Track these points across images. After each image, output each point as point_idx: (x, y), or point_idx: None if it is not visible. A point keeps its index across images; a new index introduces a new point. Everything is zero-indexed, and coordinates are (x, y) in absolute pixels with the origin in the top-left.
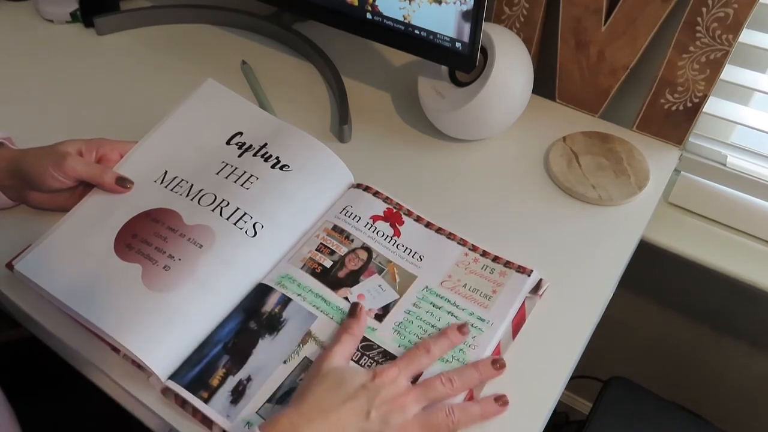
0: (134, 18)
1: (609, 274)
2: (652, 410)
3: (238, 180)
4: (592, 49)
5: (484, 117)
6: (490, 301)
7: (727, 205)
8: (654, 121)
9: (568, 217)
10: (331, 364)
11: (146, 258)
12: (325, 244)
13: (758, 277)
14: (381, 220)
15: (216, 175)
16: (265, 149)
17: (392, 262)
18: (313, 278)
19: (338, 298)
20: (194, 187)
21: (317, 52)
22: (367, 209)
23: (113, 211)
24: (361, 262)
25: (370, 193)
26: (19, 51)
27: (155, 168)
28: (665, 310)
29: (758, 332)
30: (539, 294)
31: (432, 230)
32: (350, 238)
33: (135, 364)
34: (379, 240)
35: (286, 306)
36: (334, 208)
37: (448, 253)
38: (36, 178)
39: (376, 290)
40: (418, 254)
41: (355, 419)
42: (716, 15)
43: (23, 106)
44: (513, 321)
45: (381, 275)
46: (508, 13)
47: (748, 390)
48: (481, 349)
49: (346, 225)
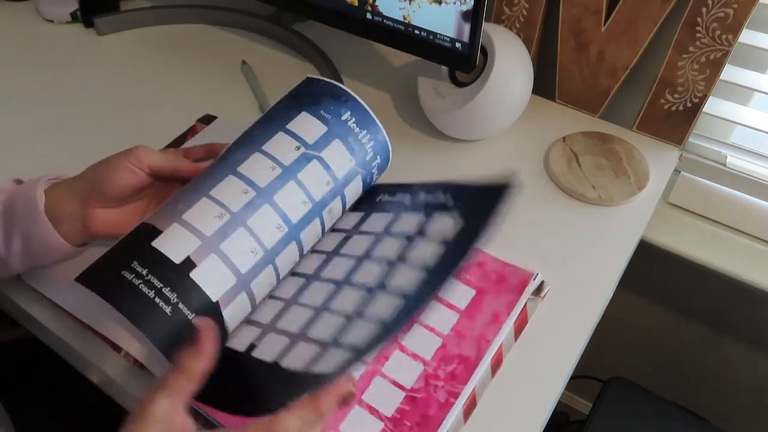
0: (134, 18)
1: (609, 274)
2: (652, 410)
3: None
4: (592, 49)
5: (484, 117)
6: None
7: (727, 205)
8: (654, 121)
9: (568, 217)
10: (148, 411)
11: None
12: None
13: (758, 277)
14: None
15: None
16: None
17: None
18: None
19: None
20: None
21: (317, 52)
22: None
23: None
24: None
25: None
26: (19, 51)
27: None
28: (665, 310)
29: (758, 332)
30: (541, 296)
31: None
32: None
33: (137, 363)
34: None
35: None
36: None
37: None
38: (107, 177)
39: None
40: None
41: None
42: (716, 15)
43: (23, 106)
44: (515, 323)
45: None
46: (508, 13)
47: (748, 390)
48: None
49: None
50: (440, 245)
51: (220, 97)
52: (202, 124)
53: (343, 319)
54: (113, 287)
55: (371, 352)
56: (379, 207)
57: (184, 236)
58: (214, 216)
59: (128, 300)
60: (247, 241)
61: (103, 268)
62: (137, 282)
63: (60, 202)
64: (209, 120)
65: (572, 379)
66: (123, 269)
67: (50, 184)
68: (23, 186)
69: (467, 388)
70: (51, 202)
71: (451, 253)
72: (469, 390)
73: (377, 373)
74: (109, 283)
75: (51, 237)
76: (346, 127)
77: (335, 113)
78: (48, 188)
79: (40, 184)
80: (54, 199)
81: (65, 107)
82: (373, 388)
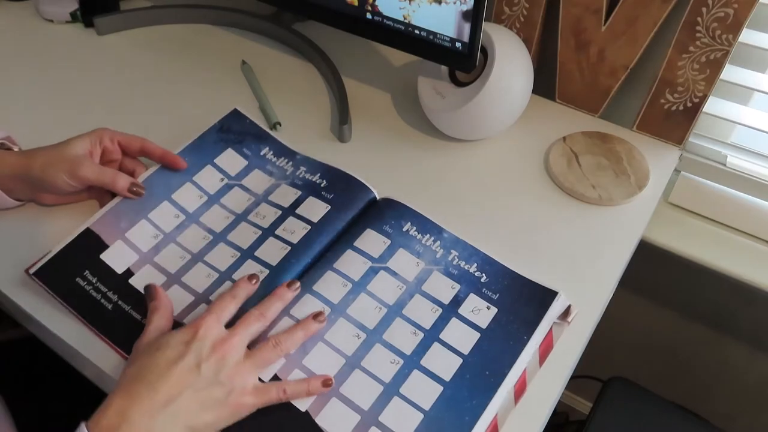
0: (134, 18)
1: (609, 274)
2: (652, 410)
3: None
4: (592, 49)
5: (484, 117)
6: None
7: (727, 205)
8: (654, 121)
9: (568, 217)
10: (148, 339)
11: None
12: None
13: (758, 277)
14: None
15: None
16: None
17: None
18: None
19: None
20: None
21: (317, 52)
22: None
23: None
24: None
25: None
26: (19, 51)
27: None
28: (665, 310)
29: (758, 332)
30: (568, 320)
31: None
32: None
33: None
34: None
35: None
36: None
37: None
38: (49, 184)
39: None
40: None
41: (186, 379)
42: (716, 15)
43: (23, 106)
44: (540, 347)
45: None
46: (508, 13)
47: (748, 390)
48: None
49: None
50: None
51: (220, 97)
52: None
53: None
54: (69, 291)
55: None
56: (405, 239)
57: (126, 252)
58: (150, 236)
59: (80, 301)
60: (178, 251)
61: (60, 272)
62: (88, 288)
63: (11, 180)
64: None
65: (572, 379)
66: (77, 276)
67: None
68: None
69: (486, 415)
70: (2, 171)
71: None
72: (489, 417)
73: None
74: (65, 287)
75: (3, 201)
76: (264, 158)
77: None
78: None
79: None
80: (4, 169)
81: (65, 107)
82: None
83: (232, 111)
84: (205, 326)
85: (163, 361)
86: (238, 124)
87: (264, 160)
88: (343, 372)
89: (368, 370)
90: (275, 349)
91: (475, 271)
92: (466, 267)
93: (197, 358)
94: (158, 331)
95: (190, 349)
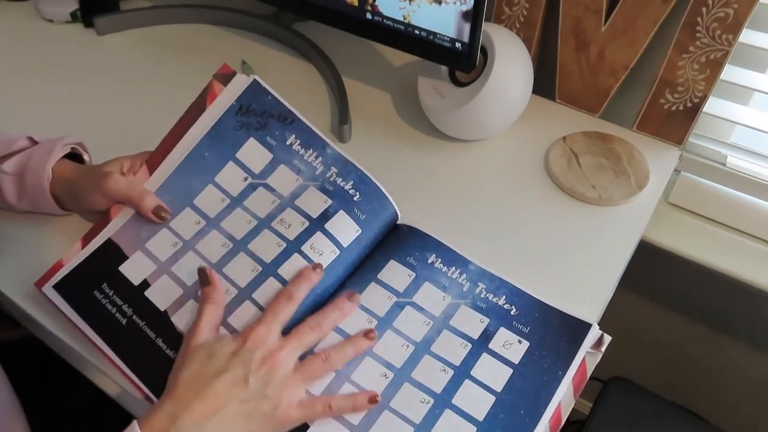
0: (134, 18)
1: (609, 274)
2: (652, 410)
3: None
4: (592, 49)
5: (484, 117)
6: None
7: (727, 205)
8: (654, 121)
9: (568, 217)
10: (198, 340)
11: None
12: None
13: (758, 277)
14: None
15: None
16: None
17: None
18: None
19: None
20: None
21: (317, 52)
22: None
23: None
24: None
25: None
26: (19, 51)
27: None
28: (665, 310)
29: (758, 332)
30: (601, 349)
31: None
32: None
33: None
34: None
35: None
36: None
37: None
38: (84, 199)
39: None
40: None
41: (234, 391)
42: (716, 15)
43: (23, 105)
44: (573, 380)
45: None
46: (508, 13)
47: (747, 390)
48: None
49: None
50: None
51: None
52: (221, 85)
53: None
54: (85, 304)
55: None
56: (430, 271)
57: (144, 262)
58: (169, 244)
59: (95, 315)
60: (197, 260)
61: (77, 284)
62: (104, 301)
63: (64, 193)
64: (227, 79)
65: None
66: (95, 289)
67: (58, 162)
68: (34, 160)
69: None
70: (57, 184)
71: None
72: None
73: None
74: (82, 300)
75: (55, 210)
76: (291, 150)
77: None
78: (57, 168)
79: (50, 161)
80: (59, 182)
81: (65, 107)
82: None
83: (252, 83)
84: (253, 337)
85: (212, 370)
86: (259, 102)
87: (291, 153)
88: (371, 415)
89: (397, 411)
90: (324, 364)
91: (504, 304)
92: (494, 300)
93: (246, 371)
94: (211, 324)
95: (240, 360)
